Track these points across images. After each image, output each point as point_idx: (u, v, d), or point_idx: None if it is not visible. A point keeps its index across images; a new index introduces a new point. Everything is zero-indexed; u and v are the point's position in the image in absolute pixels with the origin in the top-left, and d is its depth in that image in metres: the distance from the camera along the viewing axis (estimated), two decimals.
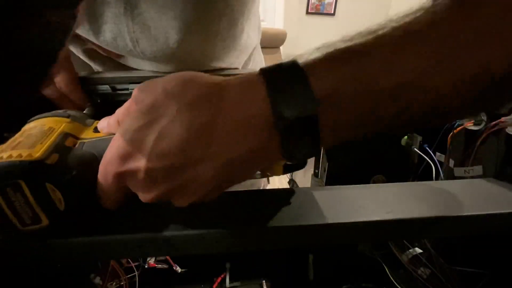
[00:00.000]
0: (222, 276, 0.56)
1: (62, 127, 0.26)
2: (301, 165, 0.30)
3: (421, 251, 0.51)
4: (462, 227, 0.28)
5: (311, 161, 0.65)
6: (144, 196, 0.22)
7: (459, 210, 0.27)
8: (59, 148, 0.23)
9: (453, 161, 0.47)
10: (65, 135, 0.25)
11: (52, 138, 0.24)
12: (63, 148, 0.24)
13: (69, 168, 0.23)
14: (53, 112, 0.28)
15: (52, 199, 0.21)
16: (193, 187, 0.21)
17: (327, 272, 0.58)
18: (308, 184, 0.69)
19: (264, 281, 0.56)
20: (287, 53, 2.68)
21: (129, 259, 0.52)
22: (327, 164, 0.57)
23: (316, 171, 0.63)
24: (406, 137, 0.53)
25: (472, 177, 0.43)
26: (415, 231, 0.27)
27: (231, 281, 0.55)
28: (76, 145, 0.26)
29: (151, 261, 0.54)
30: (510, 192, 0.32)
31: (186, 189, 0.21)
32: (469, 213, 0.27)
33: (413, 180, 0.55)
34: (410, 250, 0.52)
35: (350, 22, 3.09)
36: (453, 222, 0.27)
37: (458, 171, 0.45)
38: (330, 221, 0.25)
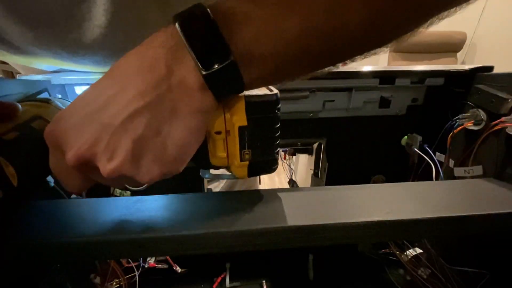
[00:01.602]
0: (222, 276, 0.56)
1: (36, 110, 0.28)
2: (265, 165, 0.28)
3: (421, 251, 0.52)
4: (462, 227, 0.28)
5: (311, 161, 0.65)
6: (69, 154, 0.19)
7: (459, 210, 0.27)
8: (23, 127, 0.25)
9: (453, 161, 0.47)
10: (35, 118, 0.27)
11: (20, 119, 0.26)
12: (27, 128, 0.26)
13: (24, 146, 0.24)
14: (39, 97, 0.30)
15: (5, 173, 0.22)
16: (113, 143, 0.19)
17: (327, 272, 0.58)
18: (308, 184, 0.69)
19: (264, 281, 0.55)
20: None
21: (129, 259, 0.52)
22: (327, 164, 0.57)
23: (316, 171, 0.63)
24: (406, 137, 0.53)
25: (472, 177, 0.43)
26: (415, 231, 0.27)
27: (231, 281, 0.55)
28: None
29: (151, 261, 0.54)
30: (510, 192, 0.32)
31: (116, 146, 0.19)
32: (469, 213, 0.27)
33: (413, 180, 0.55)
34: (410, 250, 0.52)
35: None
36: (453, 222, 0.27)
37: (458, 171, 0.45)
38: (330, 221, 0.26)
